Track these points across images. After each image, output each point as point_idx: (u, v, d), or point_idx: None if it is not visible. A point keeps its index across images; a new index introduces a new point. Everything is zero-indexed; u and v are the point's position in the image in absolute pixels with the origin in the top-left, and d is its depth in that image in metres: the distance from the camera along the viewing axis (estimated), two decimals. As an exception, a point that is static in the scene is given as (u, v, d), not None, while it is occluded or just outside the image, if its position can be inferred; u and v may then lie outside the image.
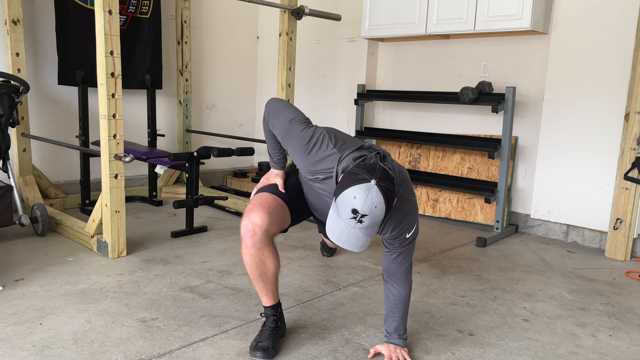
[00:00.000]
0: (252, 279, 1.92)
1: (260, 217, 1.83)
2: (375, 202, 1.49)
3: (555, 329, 2.24)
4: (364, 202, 1.48)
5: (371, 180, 1.50)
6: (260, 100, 5.50)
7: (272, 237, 1.89)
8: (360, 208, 1.48)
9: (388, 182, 1.53)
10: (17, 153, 3.61)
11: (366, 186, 1.49)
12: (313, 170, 1.81)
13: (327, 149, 1.76)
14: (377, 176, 1.51)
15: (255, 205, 1.88)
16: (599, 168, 3.40)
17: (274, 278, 1.94)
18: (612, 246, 3.30)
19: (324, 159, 1.76)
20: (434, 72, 4.23)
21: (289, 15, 3.66)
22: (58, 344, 1.91)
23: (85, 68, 3.87)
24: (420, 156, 4.30)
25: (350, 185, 1.51)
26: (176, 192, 4.50)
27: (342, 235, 1.53)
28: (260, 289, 1.94)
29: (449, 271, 2.91)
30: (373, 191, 1.49)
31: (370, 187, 1.49)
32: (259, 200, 1.91)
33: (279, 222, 1.91)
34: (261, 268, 1.88)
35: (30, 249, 2.97)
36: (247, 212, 1.87)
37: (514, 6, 3.42)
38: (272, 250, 1.89)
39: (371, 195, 1.48)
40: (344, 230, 1.52)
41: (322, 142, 1.78)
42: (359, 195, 1.48)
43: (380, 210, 1.50)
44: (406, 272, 1.88)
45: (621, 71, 3.26)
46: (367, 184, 1.49)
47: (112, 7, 2.65)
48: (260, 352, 1.86)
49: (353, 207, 1.48)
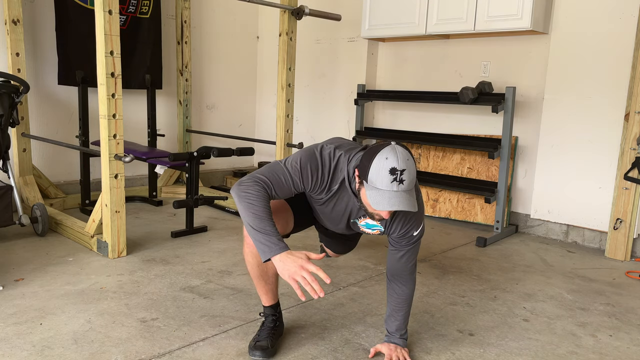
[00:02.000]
0: (253, 277, 1.92)
1: None
2: (405, 155, 1.52)
3: (555, 329, 2.23)
4: (397, 158, 1.50)
5: (390, 142, 1.54)
6: (260, 100, 5.50)
7: None
8: (397, 164, 1.49)
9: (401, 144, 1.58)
10: (17, 153, 3.61)
11: (390, 147, 1.52)
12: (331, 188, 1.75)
13: (335, 155, 1.72)
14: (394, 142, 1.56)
15: None
16: (599, 168, 3.40)
17: (275, 278, 1.94)
18: (612, 246, 3.30)
19: (335, 168, 1.72)
20: (434, 72, 4.23)
21: (289, 15, 3.66)
22: (58, 344, 1.91)
23: (85, 68, 3.87)
24: (420, 156, 4.30)
25: (375, 155, 1.52)
26: (176, 192, 4.50)
27: (392, 201, 1.50)
28: (260, 288, 1.94)
29: (449, 271, 2.91)
30: (398, 148, 1.53)
31: (393, 146, 1.53)
32: None
33: (282, 223, 1.89)
34: (262, 267, 1.88)
35: (30, 249, 2.97)
36: None
37: (514, 6, 3.42)
38: None
39: (399, 150, 1.52)
40: (391, 197, 1.51)
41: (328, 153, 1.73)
42: (389, 155, 1.50)
43: (412, 162, 1.54)
44: (411, 271, 1.88)
45: (621, 71, 3.26)
46: (389, 146, 1.53)
47: (112, 7, 2.65)
48: (259, 352, 1.86)
49: (390, 166, 1.49)
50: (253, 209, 1.58)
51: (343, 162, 1.71)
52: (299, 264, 1.53)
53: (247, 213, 1.59)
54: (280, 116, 3.81)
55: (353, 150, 1.73)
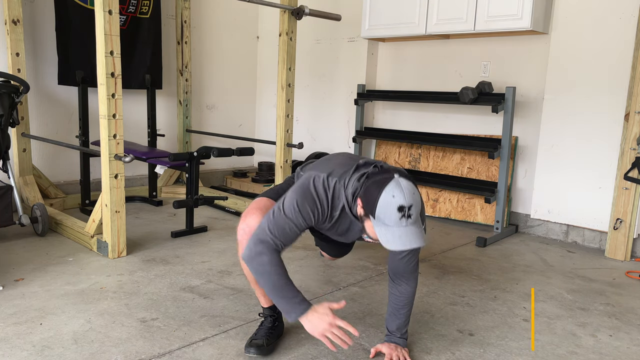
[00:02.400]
0: (250, 281, 1.93)
1: (257, 221, 1.80)
2: (411, 188, 1.51)
3: (555, 329, 2.23)
4: (404, 195, 1.48)
5: (394, 175, 1.52)
6: (261, 100, 5.50)
7: None
8: (404, 201, 1.48)
9: (402, 171, 1.57)
10: (17, 153, 3.61)
11: (394, 182, 1.50)
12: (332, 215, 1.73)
13: (329, 186, 1.68)
14: (394, 171, 1.53)
15: (253, 208, 1.86)
16: (599, 168, 3.40)
17: None
18: (612, 246, 3.30)
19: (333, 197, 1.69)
20: (434, 72, 4.23)
21: (289, 15, 3.66)
22: (58, 344, 1.91)
23: (85, 68, 3.87)
24: (420, 156, 4.30)
25: (380, 191, 1.50)
26: (176, 192, 4.50)
27: (404, 239, 1.51)
28: (258, 290, 1.95)
29: (449, 271, 2.91)
30: (403, 182, 1.51)
31: (397, 180, 1.51)
32: (257, 204, 1.89)
33: None
34: None
35: (30, 249, 2.97)
36: (244, 215, 1.86)
37: (514, 6, 3.42)
38: None
39: (403, 185, 1.50)
40: (402, 235, 1.51)
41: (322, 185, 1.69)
42: (396, 192, 1.49)
43: (417, 194, 1.53)
44: (412, 270, 1.88)
45: (621, 71, 3.26)
46: (393, 180, 1.51)
47: (112, 7, 2.65)
48: (253, 349, 1.87)
49: (398, 204, 1.48)
50: (269, 277, 1.64)
51: (339, 189, 1.70)
52: (327, 321, 1.60)
53: (264, 283, 1.65)
54: (280, 116, 3.81)
55: (347, 174, 1.70)
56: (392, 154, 4.47)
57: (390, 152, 4.49)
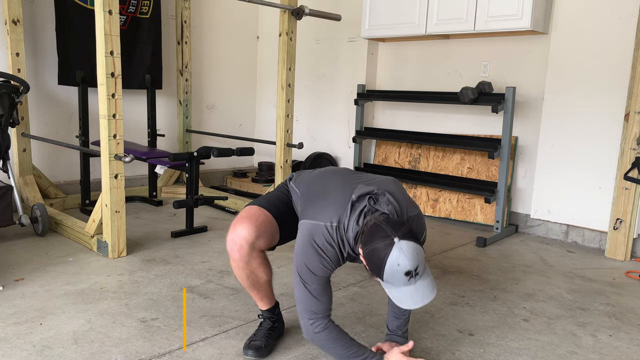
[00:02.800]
0: (246, 288, 1.91)
1: (247, 230, 1.76)
2: (414, 249, 1.46)
3: (555, 329, 2.23)
4: (408, 260, 1.45)
5: (394, 239, 1.46)
6: (261, 100, 5.50)
7: (260, 250, 1.83)
8: (410, 266, 1.45)
9: (401, 227, 1.50)
10: (17, 153, 3.61)
11: (396, 248, 1.45)
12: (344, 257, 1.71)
13: (331, 236, 1.62)
14: (393, 232, 1.47)
15: (242, 217, 1.80)
16: (599, 168, 3.40)
17: (267, 285, 1.92)
18: (612, 246, 3.30)
19: (339, 245, 1.65)
20: (434, 72, 4.23)
21: (289, 15, 3.66)
22: (58, 344, 1.91)
23: (85, 68, 3.87)
24: (420, 156, 4.30)
25: (383, 260, 1.46)
26: (176, 192, 4.50)
27: (415, 297, 1.49)
28: (254, 296, 1.95)
29: (449, 271, 2.91)
30: (403, 245, 1.45)
31: (399, 245, 1.45)
32: (246, 213, 1.83)
33: (267, 236, 1.82)
34: (252, 278, 1.86)
35: (30, 249, 2.97)
36: (233, 224, 1.80)
37: (513, 6, 3.42)
38: (261, 261, 1.85)
39: (405, 249, 1.45)
40: (412, 293, 1.49)
41: (323, 239, 1.63)
42: (400, 259, 1.45)
43: (420, 251, 1.49)
44: None
45: (621, 71, 3.26)
46: (394, 245, 1.45)
47: (112, 7, 2.65)
48: (252, 351, 1.87)
49: (405, 270, 1.45)
50: (335, 352, 1.72)
51: (342, 235, 1.64)
52: None
53: (333, 356, 1.75)
54: (280, 116, 3.81)
55: (344, 216, 1.62)
56: (392, 154, 4.47)
57: (390, 152, 4.49)
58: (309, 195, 1.80)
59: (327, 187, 1.77)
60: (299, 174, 2.00)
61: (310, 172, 1.97)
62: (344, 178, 1.80)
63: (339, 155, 4.85)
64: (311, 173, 1.95)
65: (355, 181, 1.75)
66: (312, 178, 1.89)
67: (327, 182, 1.81)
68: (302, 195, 1.84)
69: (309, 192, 1.81)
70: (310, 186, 1.84)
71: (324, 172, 1.92)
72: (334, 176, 1.84)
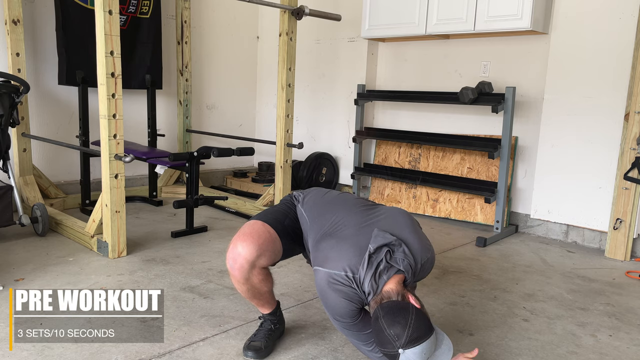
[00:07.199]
0: (247, 299, 1.89)
1: (248, 249, 1.71)
2: (419, 352, 1.48)
3: (555, 329, 2.24)
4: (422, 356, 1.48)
5: (398, 350, 1.47)
6: (261, 100, 5.50)
7: (262, 267, 1.78)
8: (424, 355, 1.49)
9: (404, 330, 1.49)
10: (17, 153, 3.61)
11: (403, 357, 1.48)
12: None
13: (350, 281, 1.61)
14: (396, 339, 1.48)
15: (244, 234, 1.74)
16: (599, 168, 3.40)
17: (268, 294, 1.91)
18: (612, 246, 3.30)
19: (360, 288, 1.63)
20: (434, 72, 4.23)
21: (289, 15, 3.66)
22: (58, 344, 1.91)
23: (85, 68, 3.86)
24: (420, 156, 4.30)
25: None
26: (176, 192, 4.50)
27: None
28: (255, 304, 1.94)
29: (449, 271, 2.91)
30: (409, 356, 1.48)
31: (405, 356, 1.48)
32: (249, 229, 1.76)
33: (269, 255, 1.76)
34: (253, 291, 1.84)
35: (30, 249, 2.97)
36: (234, 241, 1.74)
37: (513, 6, 3.42)
38: (262, 277, 1.81)
39: (412, 358, 1.48)
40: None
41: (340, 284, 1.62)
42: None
43: (426, 348, 1.49)
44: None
45: (621, 71, 3.26)
46: (400, 357, 1.48)
47: (112, 7, 2.65)
48: (251, 352, 1.87)
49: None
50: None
51: (357, 285, 1.62)
52: None
53: None
54: (280, 116, 3.81)
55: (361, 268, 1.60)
56: (392, 154, 4.47)
57: (390, 152, 4.49)
58: (320, 230, 1.76)
59: (341, 228, 1.73)
60: (306, 195, 1.95)
61: (319, 196, 1.93)
62: (357, 217, 1.75)
63: (339, 155, 4.85)
64: (321, 199, 1.91)
65: (369, 221, 1.72)
66: (322, 207, 1.85)
67: (339, 219, 1.76)
68: (313, 228, 1.80)
69: (321, 227, 1.77)
70: (321, 220, 1.80)
71: (334, 202, 1.88)
72: (346, 212, 1.79)
